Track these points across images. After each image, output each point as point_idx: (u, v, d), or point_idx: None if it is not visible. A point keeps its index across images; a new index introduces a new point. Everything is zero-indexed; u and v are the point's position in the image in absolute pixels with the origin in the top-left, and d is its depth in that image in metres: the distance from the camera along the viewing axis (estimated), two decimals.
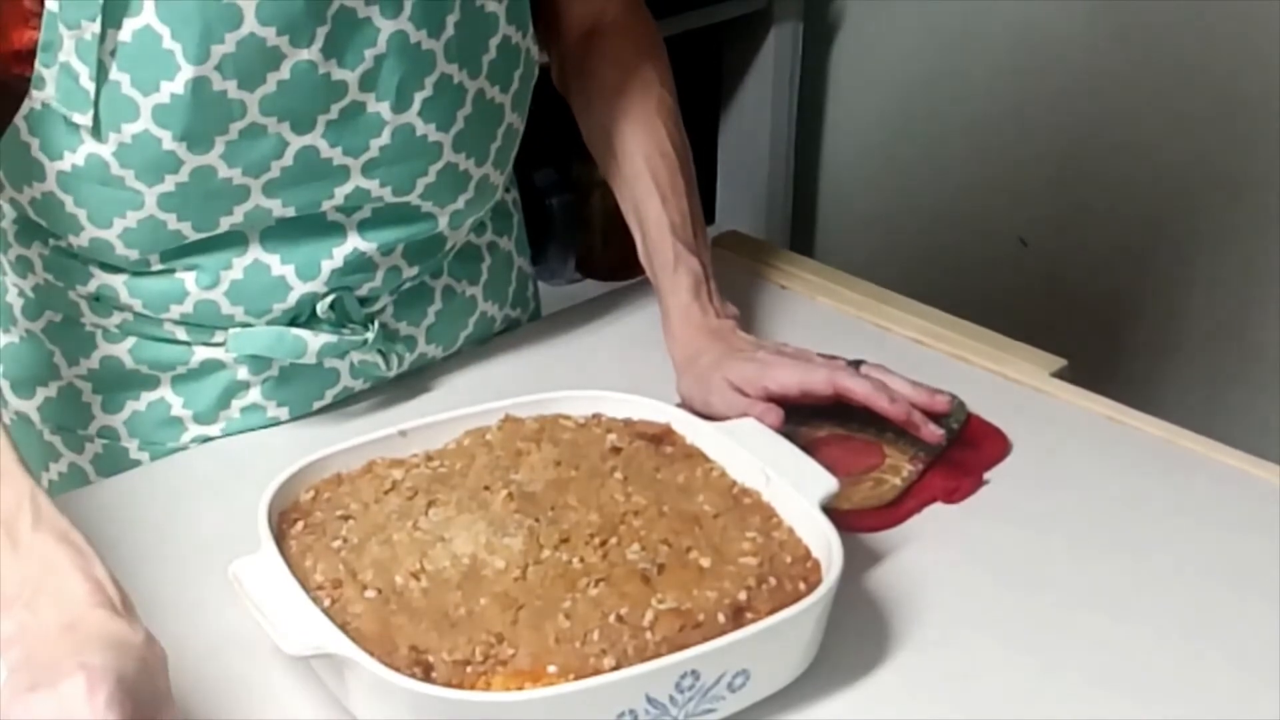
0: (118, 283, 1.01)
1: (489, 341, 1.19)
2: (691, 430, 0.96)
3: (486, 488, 0.89)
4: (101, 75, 0.92)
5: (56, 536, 0.74)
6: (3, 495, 0.75)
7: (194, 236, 0.98)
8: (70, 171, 0.95)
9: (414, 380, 1.13)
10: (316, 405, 1.09)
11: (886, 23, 2.38)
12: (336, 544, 0.84)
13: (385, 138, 0.99)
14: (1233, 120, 2.02)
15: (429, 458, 0.92)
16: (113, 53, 0.91)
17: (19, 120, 0.95)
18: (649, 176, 1.12)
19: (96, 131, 0.93)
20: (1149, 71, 2.08)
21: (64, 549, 0.74)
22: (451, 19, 0.99)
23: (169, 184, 0.95)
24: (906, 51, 2.37)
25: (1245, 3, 1.95)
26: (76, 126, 0.94)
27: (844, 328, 1.23)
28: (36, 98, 0.94)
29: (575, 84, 1.18)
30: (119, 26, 0.91)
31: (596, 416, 0.96)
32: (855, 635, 0.88)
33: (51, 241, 1.02)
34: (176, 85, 0.91)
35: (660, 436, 0.95)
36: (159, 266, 1.00)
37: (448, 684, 0.75)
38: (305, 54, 0.94)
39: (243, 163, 0.95)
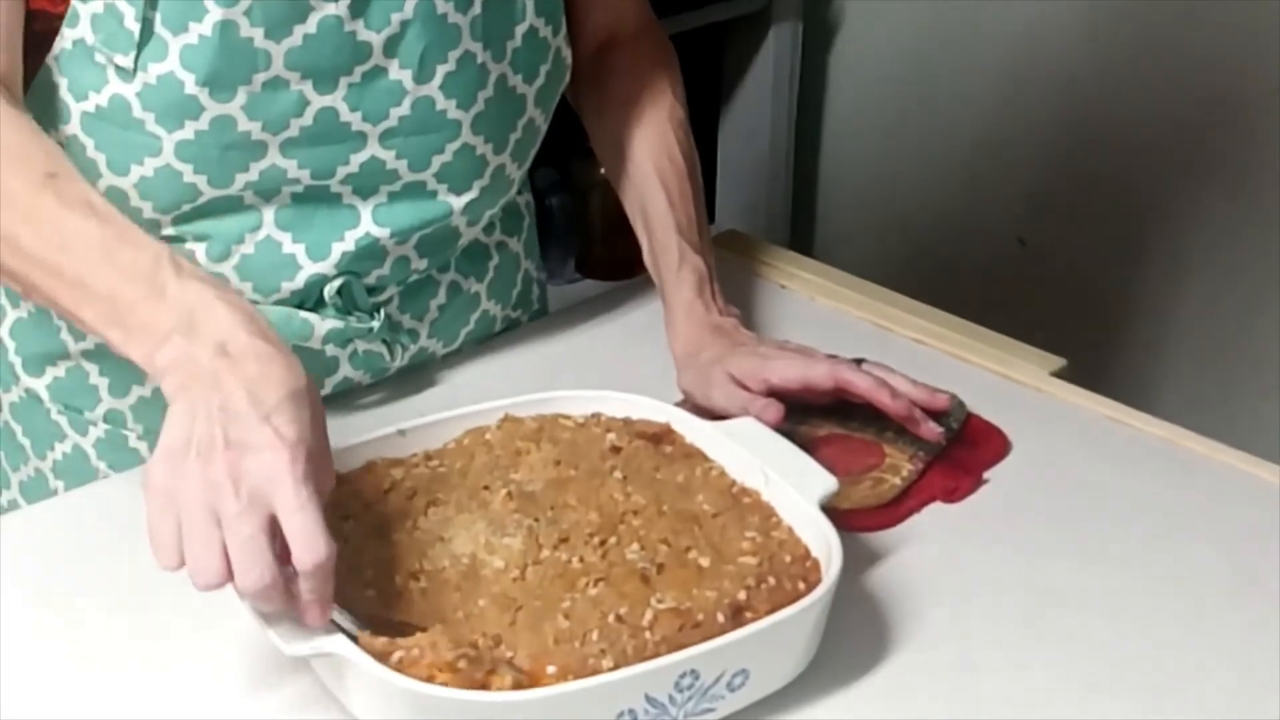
0: None
1: (489, 340, 1.19)
2: (691, 430, 0.96)
3: (486, 487, 0.89)
4: (145, 17, 0.92)
5: (199, 280, 0.83)
6: (142, 255, 0.83)
7: (209, 193, 0.98)
8: (94, 113, 0.96)
9: (413, 378, 1.13)
10: None
11: (886, 23, 2.38)
12: (336, 544, 0.84)
13: (405, 107, 1.00)
14: (1233, 119, 2.02)
15: (428, 457, 0.92)
16: None
17: (50, 60, 0.96)
18: (657, 180, 1.13)
19: (127, 71, 0.94)
20: (1149, 71, 2.08)
21: (208, 288, 0.82)
22: None
23: (188, 130, 0.95)
24: (906, 51, 2.37)
25: (1245, 2, 1.95)
26: (103, 66, 0.94)
27: (844, 327, 1.23)
28: (68, 36, 0.95)
29: (588, 93, 1.19)
30: None
31: (596, 416, 0.96)
32: (855, 635, 0.88)
33: None
34: (204, 27, 0.92)
35: (660, 436, 0.95)
36: (170, 231, 1.00)
37: (446, 684, 0.75)
38: (332, 9, 0.95)
39: (263, 117, 0.96)
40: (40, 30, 0.95)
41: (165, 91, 0.94)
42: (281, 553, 0.75)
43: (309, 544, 0.74)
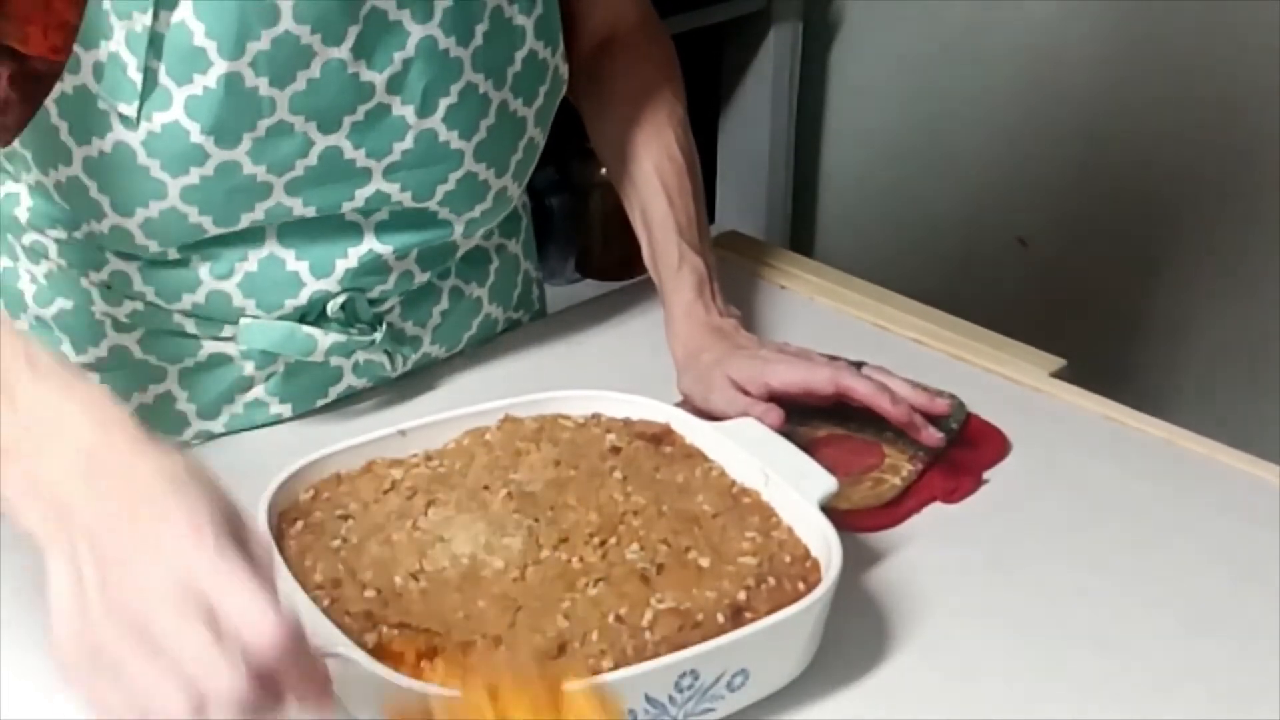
0: (131, 269, 1.02)
1: (489, 341, 1.19)
2: (691, 430, 0.96)
3: (486, 487, 0.89)
4: (148, 67, 0.92)
5: (53, 380, 0.70)
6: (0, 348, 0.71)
7: (214, 231, 0.98)
8: (97, 157, 0.95)
9: (415, 380, 1.13)
10: (320, 403, 1.10)
11: (886, 23, 2.38)
12: (336, 544, 0.84)
13: (408, 142, 1.00)
14: (1234, 119, 2.02)
15: (428, 457, 0.92)
16: (152, 43, 0.91)
17: (49, 103, 0.95)
18: (657, 180, 1.14)
19: (131, 119, 0.93)
20: (1149, 71, 2.08)
21: (60, 393, 0.70)
22: (480, 28, 1.00)
23: (194, 176, 0.95)
24: (906, 51, 2.37)
25: (1248, 5, 1.95)
26: (106, 113, 0.94)
27: (844, 328, 1.23)
28: (69, 81, 0.94)
29: (588, 92, 1.19)
30: (158, 18, 0.91)
31: (596, 416, 0.96)
32: (855, 635, 0.88)
33: (69, 227, 1.01)
34: (209, 79, 0.92)
35: (659, 436, 0.95)
36: (175, 257, 1.00)
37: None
38: (336, 53, 0.94)
39: (268, 160, 0.96)
40: (42, 74, 0.94)
41: (170, 140, 0.94)
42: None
43: (253, 626, 0.62)
